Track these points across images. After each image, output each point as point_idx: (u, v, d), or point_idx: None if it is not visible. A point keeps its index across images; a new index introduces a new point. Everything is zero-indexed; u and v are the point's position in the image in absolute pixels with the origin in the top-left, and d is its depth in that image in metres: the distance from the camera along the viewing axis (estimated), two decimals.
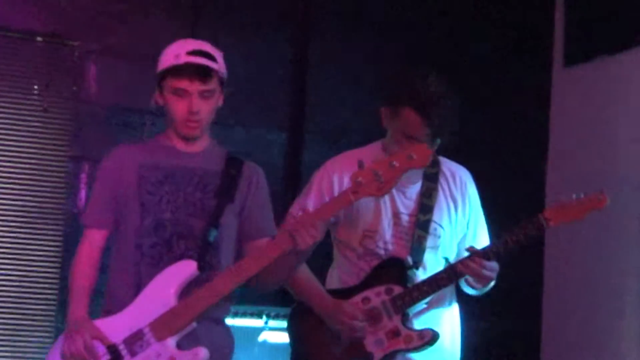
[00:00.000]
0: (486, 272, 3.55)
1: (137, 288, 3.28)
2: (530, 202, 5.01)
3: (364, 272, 3.67)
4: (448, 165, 3.77)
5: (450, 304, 3.75)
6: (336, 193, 3.50)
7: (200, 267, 3.28)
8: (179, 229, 3.31)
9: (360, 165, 3.19)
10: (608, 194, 3.51)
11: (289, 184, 5.27)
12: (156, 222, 3.31)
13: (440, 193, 3.70)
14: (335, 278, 3.77)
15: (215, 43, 3.39)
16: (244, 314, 4.70)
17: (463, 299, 3.79)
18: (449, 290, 3.71)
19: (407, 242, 3.66)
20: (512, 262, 3.63)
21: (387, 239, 3.65)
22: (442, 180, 3.72)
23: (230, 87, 3.40)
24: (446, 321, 3.73)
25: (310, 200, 3.65)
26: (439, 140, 3.56)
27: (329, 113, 5.42)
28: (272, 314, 4.76)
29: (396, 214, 3.67)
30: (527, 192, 5.40)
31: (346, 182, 3.51)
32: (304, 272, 3.65)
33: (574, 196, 3.51)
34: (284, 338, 4.08)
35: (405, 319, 3.61)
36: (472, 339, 3.96)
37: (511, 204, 4.95)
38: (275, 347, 4.70)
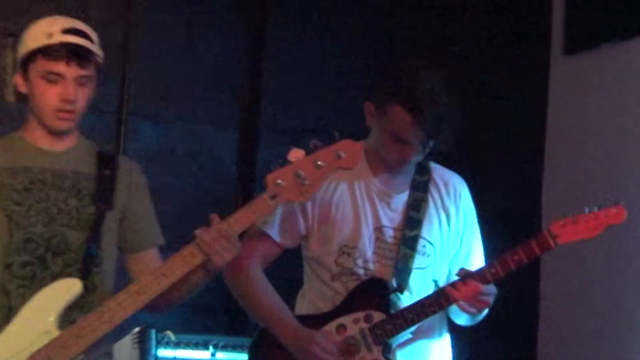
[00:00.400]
0: (482, 297, 3.30)
1: (8, 315, 3.04)
2: (525, 205, 5.13)
3: (340, 296, 3.43)
4: (440, 173, 3.55)
5: (440, 334, 3.52)
6: (316, 202, 3.40)
7: (84, 287, 3.04)
8: (53, 243, 3.09)
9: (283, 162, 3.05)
10: (625, 205, 3.33)
11: (241, 188, 5.07)
12: (26, 236, 3.07)
13: (431, 205, 3.49)
14: (306, 303, 3.54)
15: (157, 29, 3.23)
16: (187, 345, 4.51)
17: (456, 329, 3.57)
18: (439, 318, 3.47)
19: (390, 260, 3.43)
20: (506, 285, 3.39)
21: (367, 256, 3.42)
22: (433, 189, 3.51)
23: None
24: (435, 354, 3.50)
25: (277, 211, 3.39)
26: (431, 144, 3.34)
27: (288, 108, 5.23)
28: (221, 344, 4.58)
29: (379, 228, 3.44)
30: (522, 193, 5.34)
31: (324, 188, 3.35)
32: (269, 294, 3.44)
33: (586, 209, 3.32)
34: None
35: (387, 351, 3.37)
36: None
37: (505, 206, 4.90)
38: None
